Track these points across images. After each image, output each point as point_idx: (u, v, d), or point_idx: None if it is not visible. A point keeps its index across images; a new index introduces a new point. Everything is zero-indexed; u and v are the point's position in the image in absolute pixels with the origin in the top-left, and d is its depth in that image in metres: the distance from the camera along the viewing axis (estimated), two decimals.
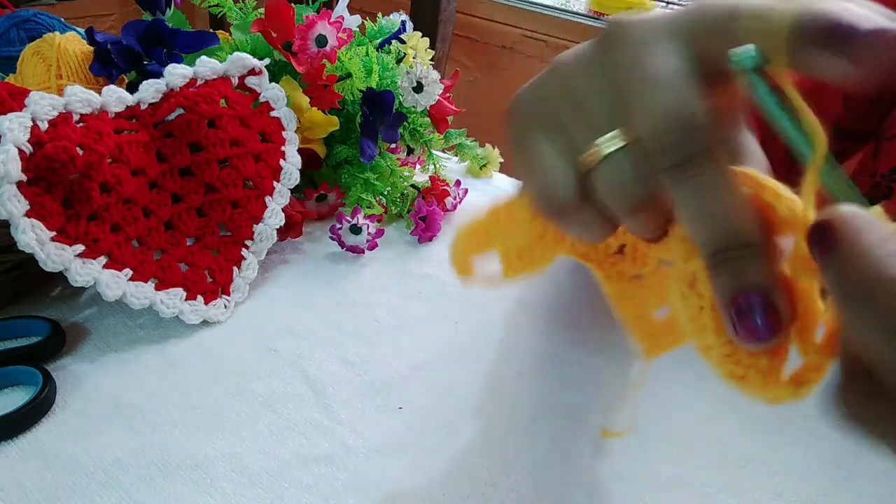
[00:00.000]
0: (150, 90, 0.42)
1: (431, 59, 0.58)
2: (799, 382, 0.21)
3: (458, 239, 0.29)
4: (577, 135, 0.23)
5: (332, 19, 0.51)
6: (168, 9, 0.54)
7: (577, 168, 0.23)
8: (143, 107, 0.42)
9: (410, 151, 0.62)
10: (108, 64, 0.49)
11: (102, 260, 0.39)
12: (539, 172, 0.24)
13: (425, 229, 0.56)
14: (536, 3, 1.56)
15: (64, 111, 0.38)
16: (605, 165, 0.22)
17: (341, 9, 0.56)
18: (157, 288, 0.41)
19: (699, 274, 0.21)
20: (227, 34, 0.56)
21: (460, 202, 0.60)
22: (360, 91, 0.55)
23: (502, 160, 0.69)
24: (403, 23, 0.61)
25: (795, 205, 0.20)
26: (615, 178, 0.22)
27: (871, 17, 0.19)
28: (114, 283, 0.39)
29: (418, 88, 0.55)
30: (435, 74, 0.55)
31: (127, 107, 0.42)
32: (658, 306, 0.28)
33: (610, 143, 0.22)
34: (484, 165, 0.68)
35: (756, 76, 0.20)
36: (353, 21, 0.56)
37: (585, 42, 0.24)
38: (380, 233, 0.52)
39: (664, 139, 0.21)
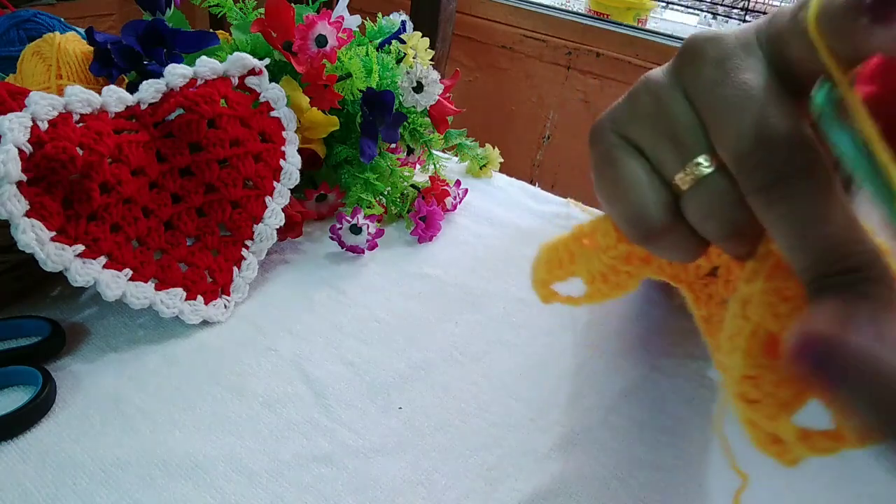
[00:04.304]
0: (150, 90, 0.42)
1: (431, 59, 0.58)
2: (808, 438, 0.19)
3: (538, 265, 0.28)
4: (665, 157, 0.22)
5: (332, 19, 0.51)
6: (168, 9, 0.54)
7: (669, 190, 0.22)
8: (143, 107, 0.42)
9: (410, 151, 0.62)
10: (108, 64, 0.49)
11: (102, 260, 0.39)
12: (629, 194, 0.23)
13: (425, 229, 0.56)
14: (536, 3, 1.56)
15: (64, 111, 0.38)
16: (700, 189, 0.21)
17: (341, 9, 0.56)
18: (157, 288, 0.41)
19: (753, 298, 0.20)
20: (227, 34, 0.56)
21: (460, 202, 0.60)
22: (360, 91, 0.55)
23: (502, 160, 0.69)
24: (403, 23, 0.61)
25: None
26: (710, 202, 0.21)
27: None
28: (114, 283, 0.39)
29: (418, 88, 0.55)
30: (435, 74, 0.55)
31: (127, 107, 0.42)
32: None
33: (703, 166, 0.21)
34: (484, 165, 0.68)
35: (827, 113, 0.18)
36: (353, 21, 0.56)
37: (670, 61, 0.23)
38: (380, 233, 0.52)
39: (748, 161, 0.19)
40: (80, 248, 0.38)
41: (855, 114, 0.18)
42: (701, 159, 0.21)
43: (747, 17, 1.58)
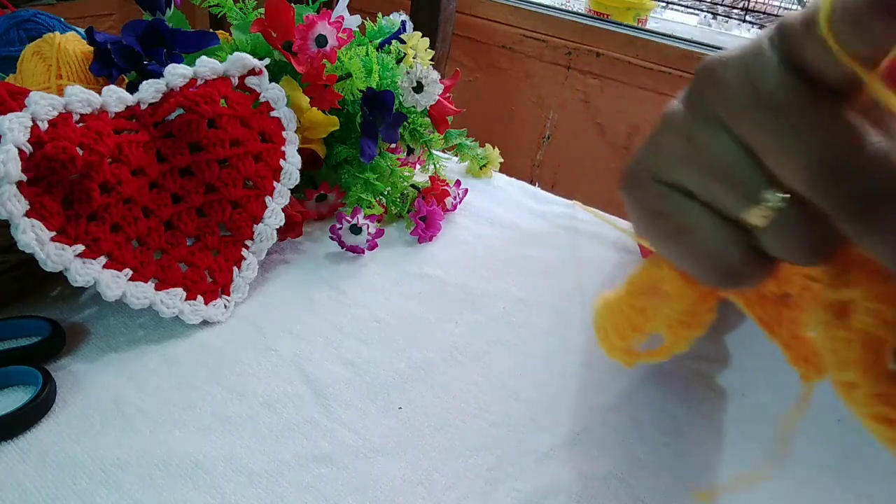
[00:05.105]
0: (150, 90, 0.42)
1: (431, 59, 0.58)
2: None
3: (607, 334, 0.27)
4: (723, 198, 0.21)
5: (332, 19, 0.51)
6: (168, 9, 0.54)
7: (738, 226, 0.21)
8: (143, 107, 0.42)
9: (410, 151, 0.62)
10: (108, 64, 0.49)
11: (102, 260, 0.39)
12: (700, 244, 0.22)
13: (425, 229, 0.56)
14: (536, 3, 1.56)
15: (64, 111, 0.38)
16: (779, 223, 0.20)
17: (341, 9, 0.56)
18: (157, 288, 0.41)
19: (854, 305, 0.19)
20: (227, 34, 0.56)
21: (460, 202, 0.60)
22: (360, 91, 0.55)
23: (502, 160, 0.69)
24: (403, 23, 0.61)
25: None
26: (792, 234, 0.20)
27: None
28: (114, 283, 0.39)
29: (418, 88, 0.55)
30: (435, 74, 0.55)
31: (127, 107, 0.42)
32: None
33: (773, 200, 0.20)
34: (484, 165, 0.68)
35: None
36: (353, 21, 0.56)
37: (684, 91, 0.22)
38: (380, 233, 0.52)
39: (833, 192, 0.18)
40: (80, 248, 0.38)
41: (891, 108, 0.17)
42: (769, 195, 0.20)
43: (747, 17, 1.58)
